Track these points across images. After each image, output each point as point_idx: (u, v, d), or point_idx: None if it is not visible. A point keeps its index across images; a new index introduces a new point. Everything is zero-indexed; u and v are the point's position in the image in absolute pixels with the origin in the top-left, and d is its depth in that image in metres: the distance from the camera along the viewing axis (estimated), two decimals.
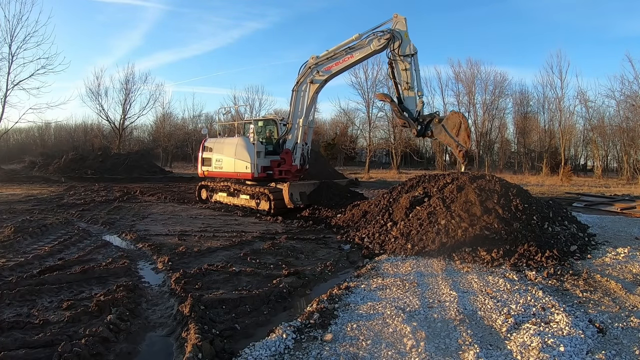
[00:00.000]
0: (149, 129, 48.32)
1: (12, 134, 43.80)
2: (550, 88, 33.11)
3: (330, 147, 42.42)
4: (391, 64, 9.34)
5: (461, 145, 8.41)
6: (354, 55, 10.09)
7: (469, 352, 3.07)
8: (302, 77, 10.95)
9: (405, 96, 9.10)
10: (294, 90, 11.18)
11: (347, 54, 10.18)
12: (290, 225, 9.14)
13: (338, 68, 10.46)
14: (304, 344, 3.26)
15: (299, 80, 11.03)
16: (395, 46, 9.15)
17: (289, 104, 11.62)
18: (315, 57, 10.72)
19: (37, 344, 3.14)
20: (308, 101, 10.97)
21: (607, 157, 35.78)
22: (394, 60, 9.23)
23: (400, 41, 9.10)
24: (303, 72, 10.93)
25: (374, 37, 9.54)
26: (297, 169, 11.40)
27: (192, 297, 4.02)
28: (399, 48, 9.10)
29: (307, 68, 10.83)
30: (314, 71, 10.74)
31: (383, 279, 5.02)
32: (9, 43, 23.48)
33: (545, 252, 5.75)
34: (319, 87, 11.03)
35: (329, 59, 10.48)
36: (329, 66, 10.55)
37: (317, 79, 10.78)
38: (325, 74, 10.66)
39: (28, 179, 22.22)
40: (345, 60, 10.27)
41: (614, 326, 3.57)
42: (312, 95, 10.96)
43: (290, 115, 11.43)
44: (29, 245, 6.59)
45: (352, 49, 10.09)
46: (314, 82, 10.83)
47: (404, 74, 9.09)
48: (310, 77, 10.83)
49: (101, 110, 34.39)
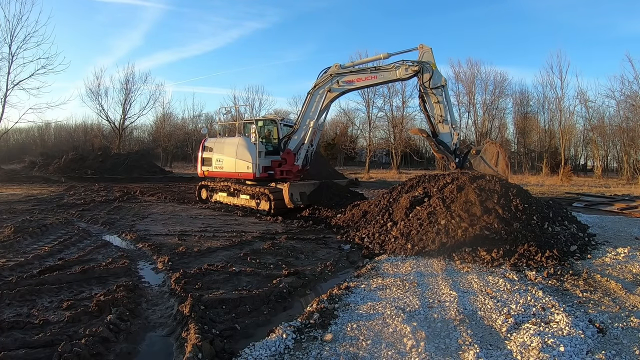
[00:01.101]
0: (149, 129, 48.41)
1: (12, 134, 43.88)
2: (550, 88, 33.15)
3: (330, 147, 42.44)
4: (422, 97, 9.29)
5: (501, 175, 8.39)
6: (378, 77, 10.03)
7: (469, 352, 3.07)
8: (321, 82, 10.82)
9: (440, 130, 9.10)
10: (310, 93, 11.09)
11: (372, 73, 10.07)
12: (290, 225, 9.13)
13: (359, 84, 10.44)
14: (304, 344, 3.26)
15: (317, 84, 10.90)
16: (425, 79, 9.12)
17: (302, 104, 11.57)
18: (338, 65, 10.59)
19: (37, 344, 3.13)
20: (322, 107, 10.91)
21: (607, 157, 35.86)
22: (425, 93, 9.19)
23: (430, 74, 9.08)
24: (323, 78, 10.79)
25: (402, 65, 9.46)
26: (298, 169, 11.39)
27: (192, 297, 4.01)
28: (430, 81, 9.05)
29: (328, 75, 10.71)
30: (334, 80, 10.60)
31: (383, 279, 5.02)
32: (9, 43, 23.51)
33: (545, 252, 5.75)
34: (336, 97, 10.99)
35: (352, 72, 10.38)
36: (350, 79, 10.46)
37: (336, 88, 10.65)
38: (345, 86, 10.55)
39: (28, 179, 22.22)
40: (367, 79, 10.19)
41: (614, 326, 3.57)
42: (327, 103, 10.89)
43: (301, 116, 11.37)
44: (29, 245, 6.59)
45: (378, 69, 10.02)
46: (332, 91, 10.72)
47: (437, 107, 9.07)
48: (329, 85, 10.70)
49: (101, 110, 34.45)
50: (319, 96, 10.93)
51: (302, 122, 11.25)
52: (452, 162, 8.87)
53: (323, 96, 10.83)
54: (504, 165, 8.50)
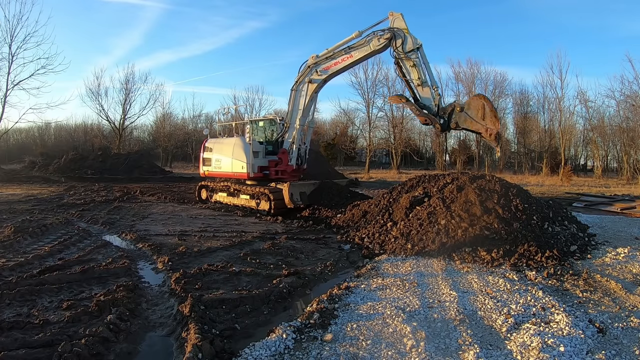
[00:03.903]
0: (149, 129, 48.43)
1: (12, 134, 43.89)
2: (550, 88, 33.19)
3: (330, 147, 42.39)
4: (398, 63, 9.06)
5: (490, 128, 7.93)
6: (353, 55, 9.90)
7: (469, 352, 3.07)
8: (301, 76, 10.85)
9: (421, 94, 8.75)
10: (293, 90, 11.08)
11: (346, 53, 9.95)
12: (290, 225, 9.13)
13: (337, 68, 10.30)
14: (304, 344, 3.25)
15: (298, 80, 10.93)
16: (398, 44, 8.90)
17: (288, 103, 11.53)
18: (315, 56, 10.59)
19: (37, 344, 3.14)
20: (307, 101, 10.84)
21: (607, 157, 35.85)
22: (400, 59, 8.96)
23: (402, 39, 8.88)
24: (302, 72, 10.82)
25: (374, 37, 9.35)
26: (292, 169, 11.27)
27: (192, 297, 4.01)
28: (402, 46, 8.84)
29: (306, 67, 10.72)
30: (313, 70, 10.61)
31: (383, 279, 5.02)
32: (9, 43, 23.59)
33: (545, 252, 5.75)
34: (318, 87, 10.90)
35: (328, 58, 10.32)
36: (327, 65, 10.39)
37: (316, 78, 10.64)
38: (324, 74, 10.51)
39: (28, 179, 22.21)
40: (344, 60, 10.09)
41: (614, 326, 3.57)
42: (310, 94, 10.82)
43: (289, 115, 11.33)
44: (29, 245, 6.59)
45: (352, 48, 9.88)
46: (313, 82, 10.71)
47: (413, 71, 8.77)
48: (309, 76, 10.70)
49: (101, 110, 34.50)
50: (301, 91, 10.88)
51: (291, 121, 11.19)
52: (437, 123, 8.41)
53: (305, 90, 10.77)
54: (492, 116, 7.88)
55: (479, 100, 8.14)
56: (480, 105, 8.00)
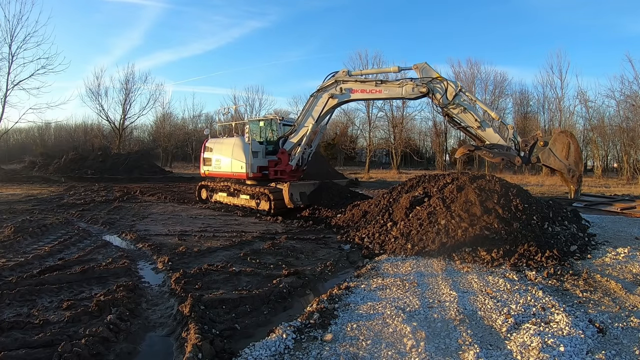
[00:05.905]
0: (149, 129, 48.51)
1: (12, 134, 43.94)
2: (550, 88, 33.29)
3: (330, 147, 42.45)
4: (446, 114, 8.70)
5: (573, 170, 7.60)
6: (382, 92, 9.50)
7: (469, 352, 3.07)
8: (325, 86, 10.33)
9: (483, 136, 8.27)
10: (313, 96, 10.63)
11: (377, 86, 9.49)
12: (290, 225, 9.13)
13: (362, 96, 9.94)
14: (304, 344, 3.25)
15: (321, 88, 10.45)
16: (438, 98, 8.49)
17: (305, 104, 11.16)
18: (346, 71, 10.12)
19: (37, 344, 3.13)
20: (322, 112, 10.48)
21: (607, 157, 35.85)
22: (447, 110, 8.57)
23: (441, 93, 8.45)
24: (328, 83, 10.27)
25: (410, 84, 8.85)
26: (291, 169, 11.21)
27: (192, 297, 4.01)
28: (443, 98, 8.43)
29: (333, 80, 10.18)
30: (338, 85, 10.10)
31: (383, 279, 5.02)
32: (9, 43, 23.58)
33: (545, 252, 5.75)
34: (337, 105, 10.59)
35: (358, 81, 9.90)
36: (354, 89, 9.93)
37: (338, 95, 10.14)
38: (347, 96, 10.08)
39: (28, 179, 22.22)
40: (372, 92, 9.65)
41: (614, 326, 3.57)
42: (328, 109, 10.48)
43: (301, 116, 11.05)
44: (29, 245, 6.59)
45: (385, 83, 9.44)
46: (334, 98, 10.21)
47: (466, 117, 8.37)
48: (332, 90, 10.19)
49: (101, 110, 34.55)
50: (321, 100, 10.48)
51: (301, 123, 11.00)
52: (516, 157, 7.82)
53: (325, 102, 10.38)
54: (576, 157, 7.50)
55: (565, 138, 7.74)
56: (566, 144, 7.64)
